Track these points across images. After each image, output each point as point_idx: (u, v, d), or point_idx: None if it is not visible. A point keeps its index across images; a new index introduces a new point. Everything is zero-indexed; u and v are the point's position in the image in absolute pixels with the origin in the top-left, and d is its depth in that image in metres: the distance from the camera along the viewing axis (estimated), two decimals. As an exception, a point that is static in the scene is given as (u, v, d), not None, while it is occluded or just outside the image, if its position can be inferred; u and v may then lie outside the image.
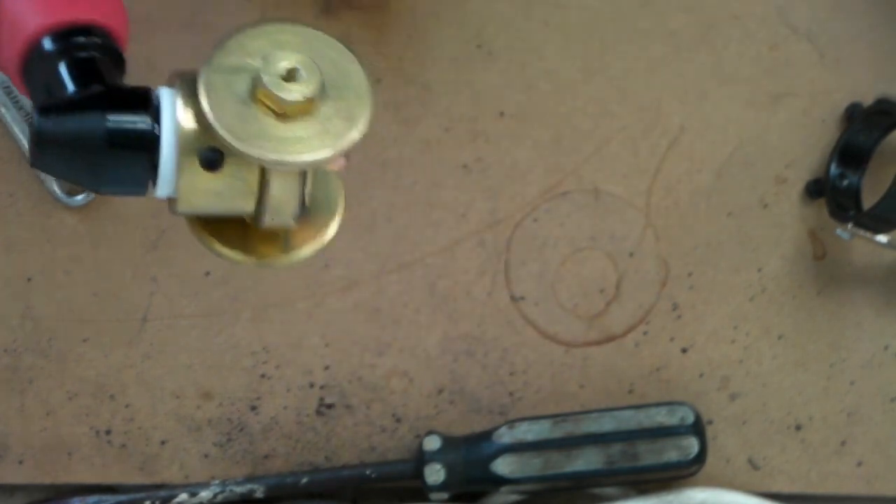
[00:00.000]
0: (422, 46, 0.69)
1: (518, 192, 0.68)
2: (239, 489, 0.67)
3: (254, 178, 0.40)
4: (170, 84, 0.41)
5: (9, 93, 0.67)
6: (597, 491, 0.67)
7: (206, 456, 0.68)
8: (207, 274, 0.68)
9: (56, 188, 0.67)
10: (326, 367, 0.68)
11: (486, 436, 0.66)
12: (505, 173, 0.68)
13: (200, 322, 0.68)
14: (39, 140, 0.38)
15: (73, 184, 0.41)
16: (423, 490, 0.66)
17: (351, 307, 0.68)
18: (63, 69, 0.40)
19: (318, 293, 0.68)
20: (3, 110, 0.67)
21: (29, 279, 0.68)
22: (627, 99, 0.69)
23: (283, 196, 0.42)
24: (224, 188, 0.41)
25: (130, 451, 0.68)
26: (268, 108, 0.39)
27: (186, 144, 0.39)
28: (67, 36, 0.40)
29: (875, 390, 0.68)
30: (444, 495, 0.66)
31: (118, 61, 0.41)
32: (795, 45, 0.69)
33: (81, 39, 0.40)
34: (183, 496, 0.67)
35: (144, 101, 0.39)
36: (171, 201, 0.40)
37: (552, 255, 0.68)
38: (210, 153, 0.40)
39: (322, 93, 0.39)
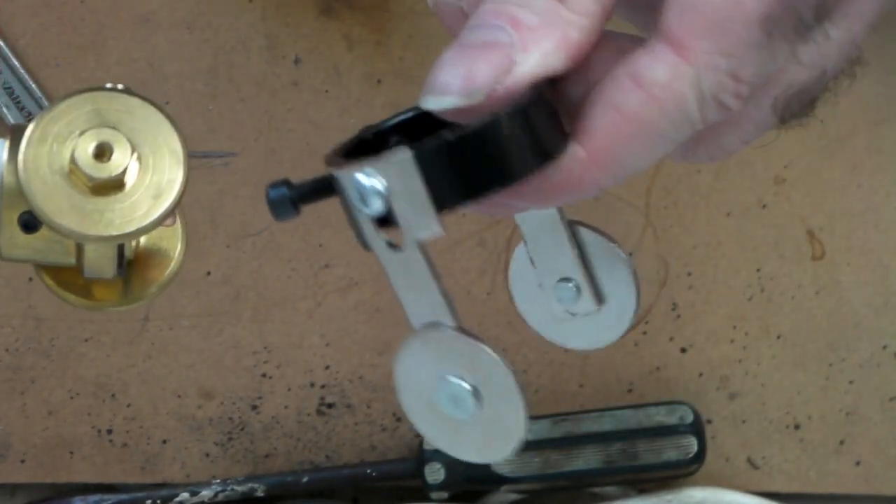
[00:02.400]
0: (422, 46, 0.69)
1: (518, 192, 0.68)
2: (240, 488, 0.67)
3: (70, 241, 0.43)
4: (6, 136, 0.42)
5: (10, 93, 0.67)
6: (596, 490, 0.67)
7: (207, 455, 0.68)
8: (208, 274, 0.68)
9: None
10: (327, 367, 0.68)
11: (486, 435, 0.66)
12: (505, 173, 0.68)
13: (201, 322, 0.68)
14: None
15: None
16: (423, 489, 0.66)
17: (351, 307, 0.68)
18: None
19: (318, 293, 0.68)
20: (5, 110, 0.67)
21: (30, 279, 0.68)
22: (627, 99, 0.69)
23: (98, 258, 0.43)
24: (43, 246, 0.43)
25: (132, 450, 0.68)
26: (80, 181, 0.41)
27: (8, 200, 0.41)
28: None
29: (874, 390, 0.68)
30: (444, 494, 0.66)
31: None
32: (795, 46, 0.69)
33: None
34: (184, 495, 0.67)
35: None
36: None
37: (552, 254, 0.68)
38: (27, 216, 0.42)
39: (133, 169, 0.41)
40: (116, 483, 0.68)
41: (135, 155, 0.41)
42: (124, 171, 0.41)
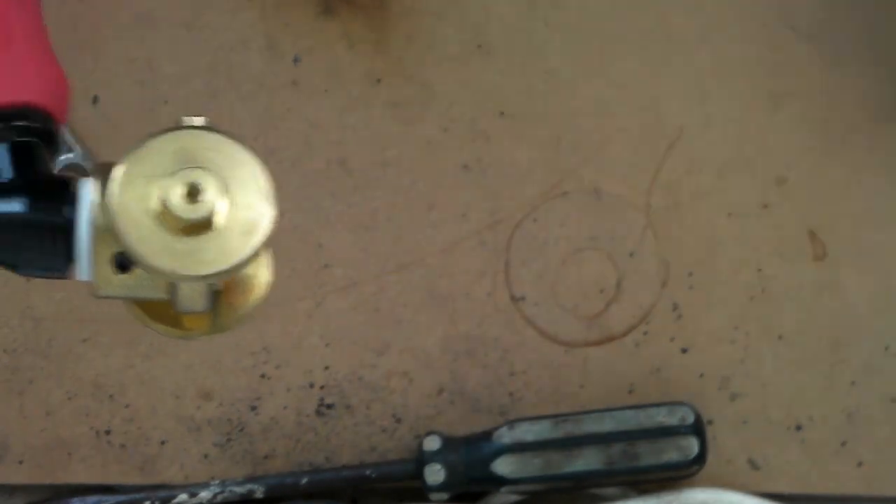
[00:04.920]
0: (422, 46, 0.69)
1: (518, 192, 0.68)
2: (239, 489, 0.67)
3: (163, 279, 0.43)
4: (95, 175, 0.42)
5: (9, 93, 0.67)
6: (597, 491, 0.67)
7: (205, 456, 0.68)
8: (207, 274, 0.68)
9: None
10: (326, 368, 0.68)
11: (486, 436, 0.66)
12: (505, 173, 0.68)
13: (200, 322, 0.68)
14: None
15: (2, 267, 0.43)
16: (423, 490, 0.66)
17: (351, 307, 0.68)
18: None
19: (318, 293, 0.68)
20: (3, 110, 0.67)
21: (29, 279, 0.68)
22: (627, 99, 0.69)
23: (191, 294, 0.44)
24: (136, 283, 0.43)
25: (130, 451, 0.68)
26: (171, 222, 0.41)
27: (101, 240, 0.42)
28: (4, 118, 0.42)
29: (875, 391, 0.68)
30: (444, 495, 0.66)
31: (52, 141, 0.43)
32: (796, 46, 0.69)
33: (17, 123, 0.42)
34: (183, 496, 0.67)
35: (66, 193, 0.42)
36: (89, 285, 0.42)
37: (552, 255, 0.68)
38: (121, 257, 0.42)
39: (223, 208, 0.41)
40: (115, 484, 0.68)
41: (224, 193, 0.41)
42: (217, 210, 0.41)
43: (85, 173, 0.44)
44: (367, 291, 0.68)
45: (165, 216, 0.41)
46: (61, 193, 0.42)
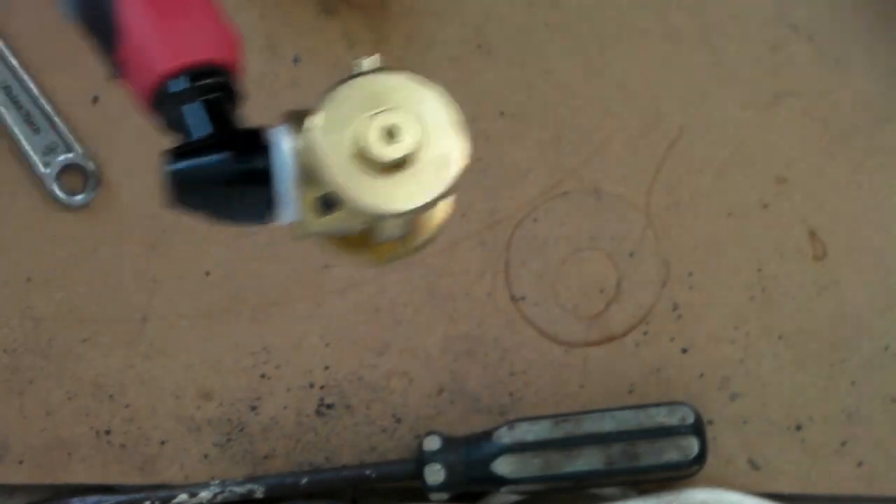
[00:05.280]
0: (422, 46, 0.69)
1: (518, 192, 0.68)
2: (239, 489, 0.67)
3: (366, 217, 0.45)
4: (284, 122, 0.44)
5: (9, 93, 0.67)
6: (597, 491, 0.67)
7: (205, 456, 0.68)
8: (207, 274, 0.68)
9: (55, 188, 0.67)
10: (326, 368, 0.68)
11: (486, 436, 0.66)
12: (505, 173, 0.68)
13: (200, 322, 0.68)
14: (173, 181, 0.43)
15: (205, 219, 0.45)
16: (423, 490, 0.66)
17: (351, 307, 0.68)
18: (189, 112, 0.44)
19: (318, 293, 0.68)
20: (3, 110, 0.67)
21: (29, 279, 0.68)
22: (627, 99, 0.69)
23: (393, 225, 0.46)
24: (339, 221, 0.45)
25: (130, 451, 0.68)
26: (371, 163, 0.43)
27: (301, 181, 0.44)
28: (193, 78, 0.44)
29: (875, 390, 0.68)
30: (445, 495, 0.66)
31: (236, 97, 0.45)
32: (795, 45, 0.69)
33: (206, 81, 0.44)
34: (183, 496, 0.67)
35: (262, 142, 0.43)
36: (291, 227, 0.44)
37: (552, 255, 0.68)
38: (325, 198, 0.44)
39: (419, 145, 0.43)
40: (115, 484, 0.68)
41: (418, 131, 0.42)
42: (414, 148, 0.42)
43: (87, 174, 0.44)
44: (367, 291, 0.68)
45: (365, 157, 0.42)
46: (256, 143, 0.43)
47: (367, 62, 0.44)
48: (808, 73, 0.69)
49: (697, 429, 0.65)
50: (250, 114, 0.68)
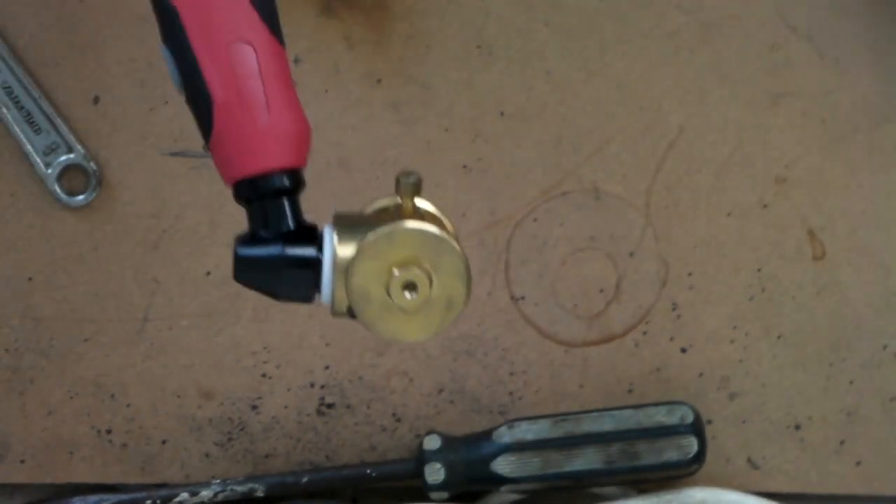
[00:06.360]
0: (422, 46, 0.69)
1: (518, 192, 0.68)
2: (239, 488, 0.67)
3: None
4: (333, 224, 0.53)
5: (10, 93, 0.67)
6: (596, 490, 0.67)
7: (206, 455, 0.68)
8: (208, 274, 0.68)
9: (57, 188, 0.68)
10: (327, 367, 0.68)
11: (486, 435, 0.66)
12: (505, 173, 0.68)
13: (201, 322, 0.68)
14: (238, 264, 0.52)
15: (261, 292, 0.53)
16: (423, 490, 0.66)
17: (351, 307, 0.68)
18: (257, 205, 0.52)
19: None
20: (4, 111, 0.67)
21: (29, 279, 0.68)
22: (627, 99, 0.69)
23: None
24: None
25: (131, 450, 0.68)
26: (392, 306, 0.52)
27: (340, 274, 0.52)
28: (264, 182, 0.52)
29: (874, 390, 0.68)
30: (444, 495, 0.66)
31: (300, 187, 0.53)
32: (795, 45, 0.69)
33: (274, 185, 0.52)
34: (184, 495, 0.67)
35: (313, 239, 0.52)
36: (331, 305, 0.53)
37: (552, 255, 0.68)
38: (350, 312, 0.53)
39: (432, 293, 0.52)
40: (116, 483, 0.68)
41: (432, 282, 0.51)
42: (427, 298, 0.52)
43: (88, 174, 0.45)
44: (368, 291, 0.68)
45: (387, 302, 0.51)
46: (308, 239, 0.52)
47: (407, 180, 0.53)
48: (807, 73, 0.69)
49: (697, 428, 0.65)
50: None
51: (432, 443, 0.66)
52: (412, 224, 0.51)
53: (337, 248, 0.51)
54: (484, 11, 0.68)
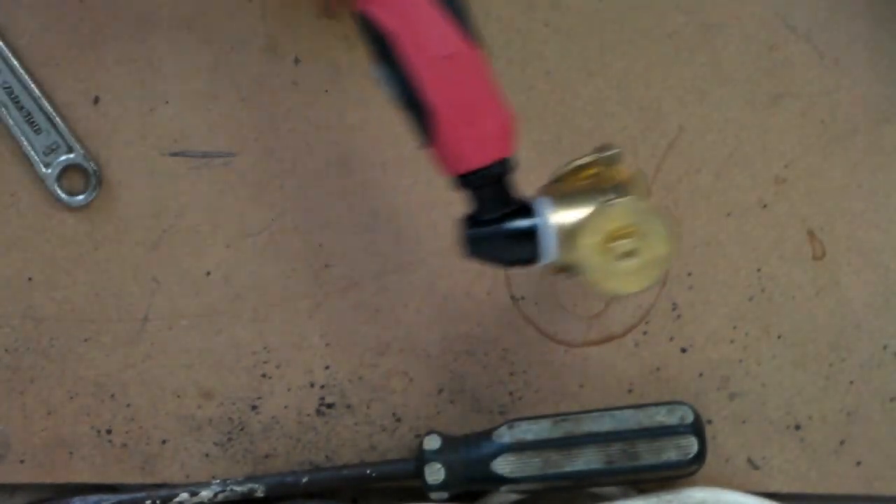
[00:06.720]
0: (422, 46, 0.69)
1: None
2: (239, 488, 0.67)
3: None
4: (544, 194, 0.61)
5: (10, 93, 0.67)
6: (596, 490, 0.67)
7: (206, 455, 0.68)
8: (208, 274, 0.68)
9: (56, 188, 0.68)
10: (327, 367, 0.68)
11: (486, 435, 0.66)
12: (505, 173, 0.68)
13: (201, 322, 0.68)
14: (469, 242, 0.60)
15: (490, 264, 0.62)
16: (423, 489, 0.66)
17: (351, 307, 0.68)
18: (481, 192, 0.60)
19: (318, 293, 0.68)
20: (4, 111, 0.67)
21: (29, 279, 0.68)
22: (627, 99, 0.69)
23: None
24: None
25: (131, 450, 0.68)
26: (611, 268, 0.60)
27: (559, 240, 0.60)
28: (486, 171, 0.59)
29: (874, 390, 0.68)
30: (444, 495, 0.66)
31: (512, 169, 0.60)
32: (795, 46, 0.69)
33: (496, 171, 0.60)
34: (183, 495, 0.67)
35: (529, 210, 0.60)
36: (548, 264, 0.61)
37: (552, 254, 0.68)
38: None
39: (643, 255, 0.60)
40: (116, 483, 0.68)
41: (647, 250, 0.60)
42: (642, 261, 0.60)
43: (88, 174, 0.45)
44: (368, 291, 0.68)
45: (608, 265, 0.59)
46: (526, 212, 0.60)
47: (609, 154, 0.62)
48: (806, 73, 0.69)
49: (696, 428, 0.65)
50: (251, 114, 0.68)
51: (432, 443, 0.66)
52: (625, 200, 0.60)
53: (555, 218, 0.60)
54: (484, 11, 0.68)
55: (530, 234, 0.60)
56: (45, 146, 0.68)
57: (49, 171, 0.68)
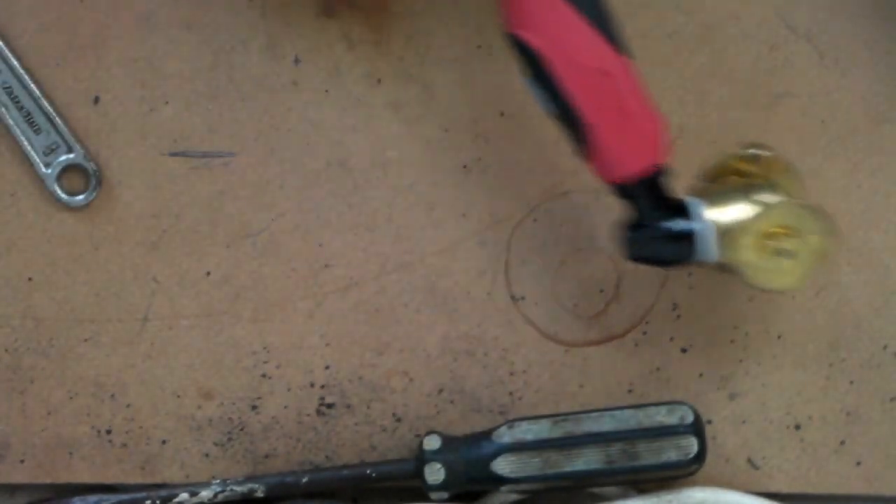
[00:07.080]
0: (422, 46, 0.69)
1: (518, 192, 0.69)
2: (239, 488, 0.67)
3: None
4: (697, 193, 0.63)
5: (10, 93, 0.67)
6: (596, 490, 0.67)
7: (206, 455, 0.68)
8: (208, 274, 0.68)
9: (56, 188, 0.68)
10: (327, 367, 0.68)
11: (486, 435, 0.66)
12: (505, 173, 0.69)
13: (201, 322, 0.68)
14: (630, 245, 0.62)
15: (650, 265, 0.64)
16: (423, 490, 0.66)
17: (351, 307, 0.68)
18: (641, 199, 0.62)
19: (318, 293, 0.68)
20: (4, 111, 0.67)
21: (29, 279, 0.68)
22: (627, 99, 0.69)
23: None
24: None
25: (131, 450, 0.68)
26: (766, 265, 0.62)
27: (717, 239, 0.62)
28: (643, 177, 0.62)
29: (874, 390, 0.68)
30: (444, 495, 0.66)
31: (667, 173, 0.62)
32: (795, 46, 0.69)
33: (651, 177, 0.62)
34: (183, 495, 0.67)
35: (684, 210, 0.62)
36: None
37: (552, 255, 0.69)
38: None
39: (800, 252, 0.62)
40: (116, 483, 0.68)
41: (802, 249, 0.62)
42: (797, 259, 0.62)
43: (88, 174, 0.45)
44: (367, 291, 0.68)
45: (763, 262, 0.62)
46: (682, 213, 0.62)
47: (760, 155, 0.65)
48: (807, 73, 0.69)
49: (696, 428, 0.65)
50: (251, 114, 0.68)
51: (432, 443, 0.66)
52: (785, 201, 0.62)
53: (712, 218, 0.62)
54: (484, 11, 0.68)
55: (689, 236, 0.62)
56: (45, 146, 0.68)
57: (49, 171, 0.68)
